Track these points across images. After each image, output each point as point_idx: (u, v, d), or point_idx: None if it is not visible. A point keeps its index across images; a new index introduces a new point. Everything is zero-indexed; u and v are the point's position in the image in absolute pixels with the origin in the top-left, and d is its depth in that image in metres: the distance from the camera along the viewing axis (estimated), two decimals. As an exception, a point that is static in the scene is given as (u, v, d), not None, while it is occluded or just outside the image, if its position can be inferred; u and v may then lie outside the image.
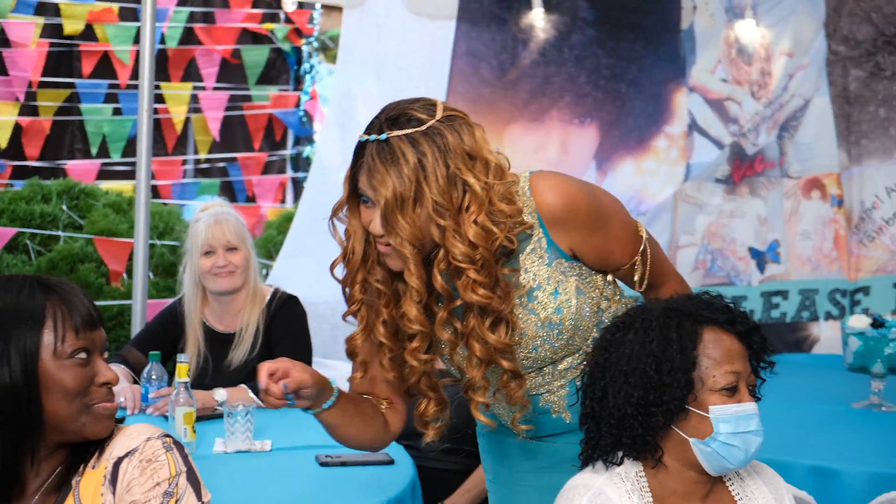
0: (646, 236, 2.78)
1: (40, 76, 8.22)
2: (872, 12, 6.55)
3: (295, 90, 9.26)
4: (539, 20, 6.17)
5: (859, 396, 4.69)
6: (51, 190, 6.62)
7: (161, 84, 8.53)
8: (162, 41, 8.58)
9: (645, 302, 2.67)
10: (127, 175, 8.71)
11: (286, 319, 4.61)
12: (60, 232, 6.37)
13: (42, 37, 8.30)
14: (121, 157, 8.52)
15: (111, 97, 8.58)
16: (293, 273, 5.91)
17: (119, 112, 8.58)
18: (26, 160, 8.46)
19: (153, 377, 4.26)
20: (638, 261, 2.75)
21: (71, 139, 8.56)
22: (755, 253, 6.52)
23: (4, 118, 8.14)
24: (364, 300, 2.65)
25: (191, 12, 8.78)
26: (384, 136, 2.49)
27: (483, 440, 3.03)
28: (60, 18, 8.36)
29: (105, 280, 6.23)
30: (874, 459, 3.91)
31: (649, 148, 6.54)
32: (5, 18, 8.10)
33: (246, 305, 4.59)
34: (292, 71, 9.30)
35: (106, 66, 8.61)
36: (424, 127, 2.51)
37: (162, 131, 8.63)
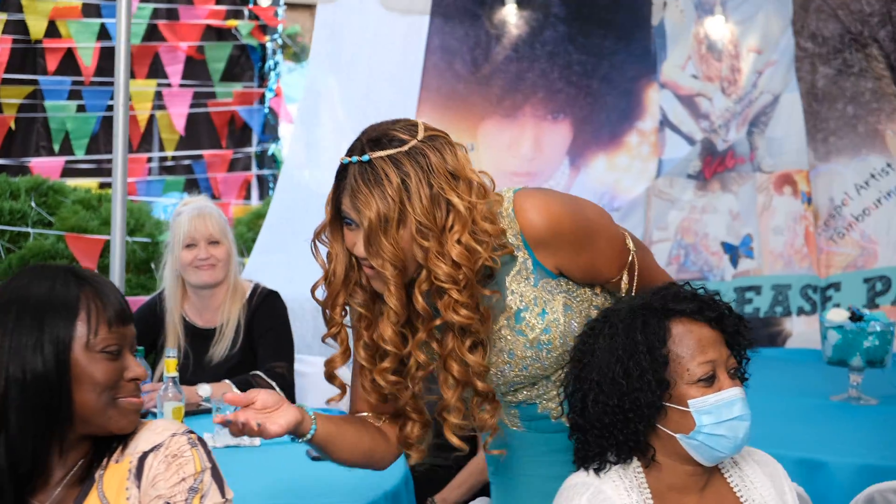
0: (633, 248, 2.74)
1: (3, 73, 8.13)
2: (839, 9, 6.59)
3: (259, 87, 9.21)
4: (512, 16, 6.18)
5: (837, 390, 4.72)
6: (19, 187, 6.55)
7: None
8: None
9: (613, 303, 2.64)
10: (91, 172, 8.63)
11: (268, 315, 4.59)
12: (30, 229, 6.30)
13: (4, 33, 8.21)
14: (84, 154, 8.44)
15: (75, 94, 8.49)
16: (266, 270, 5.88)
17: (83, 109, 8.49)
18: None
19: (137, 373, 4.22)
20: (625, 274, 2.73)
21: (36, 136, 8.47)
22: (728, 247, 6.55)
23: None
24: (344, 323, 2.64)
25: (154, 9, 8.71)
26: (367, 158, 2.45)
27: (484, 433, 3.02)
28: (23, 14, 8.28)
29: (76, 277, 6.15)
30: (859, 451, 3.94)
31: (621, 144, 6.56)
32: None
33: (226, 300, 4.57)
34: (256, 68, 9.25)
35: (69, 63, 8.53)
36: (407, 147, 2.47)
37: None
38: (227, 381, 4.32)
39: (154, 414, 3.96)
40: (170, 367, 3.87)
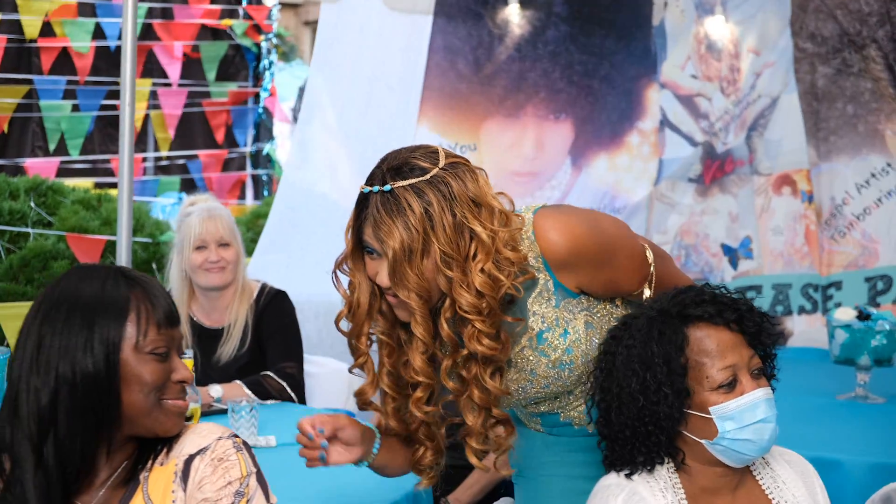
0: (652, 261, 2.73)
1: (-2, 72, 8.14)
2: (837, 9, 6.61)
3: (254, 87, 9.20)
4: (514, 16, 6.18)
5: (843, 389, 4.73)
6: (18, 186, 6.52)
7: (120, 80, 8.43)
8: (120, 37, 8.48)
9: (634, 310, 2.63)
10: (85, 172, 8.61)
11: (276, 315, 4.58)
12: (30, 229, 6.28)
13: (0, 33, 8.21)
14: (79, 154, 8.43)
15: (69, 94, 8.47)
16: (269, 270, 5.87)
17: (77, 109, 8.48)
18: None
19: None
20: (646, 290, 2.71)
21: (32, 137, 8.45)
22: (727, 249, 6.56)
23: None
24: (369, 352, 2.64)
25: (149, 8, 8.70)
26: (388, 187, 2.43)
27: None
28: (18, 14, 8.26)
29: (78, 277, 6.14)
30: (872, 450, 3.95)
31: (622, 144, 6.57)
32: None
33: (234, 301, 4.56)
34: (251, 67, 9.25)
35: (64, 63, 8.51)
36: (429, 176, 2.45)
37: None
38: (238, 382, 4.31)
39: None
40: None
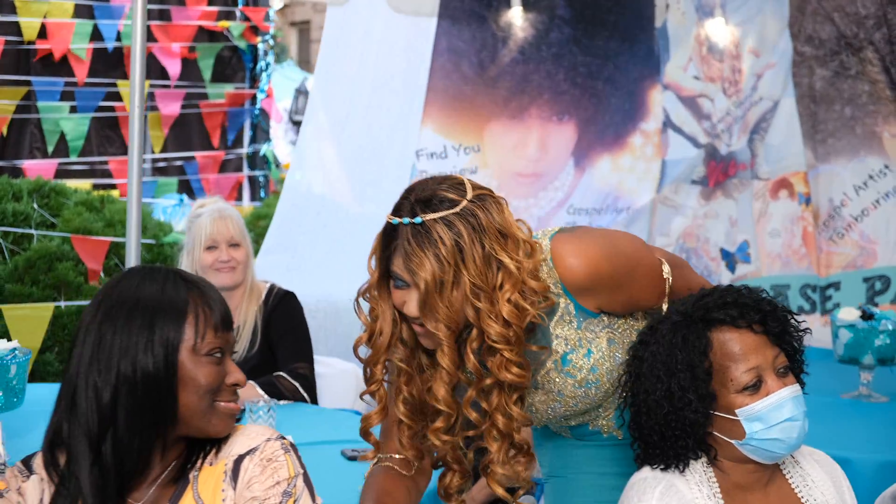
0: (668, 274, 2.75)
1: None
2: (835, 12, 6.66)
3: (251, 88, 9.22)
4: (518, 18, 6.22)
5: (846, 388, 4.77)
6: (21, 188, 6.52)
7: (118, 82, 8.47)
8: (118, 38, 8.51)
9: (662, 315, 2.66)
10: (83, 174, 8.62)
11: (285, 315, 4.61)
12: (34, 230, 6.29)
13: (-2, 34, 8.23)
14: (78, 157, 8.44)
15: (67, 95, 8.48)
16: (273, 270, 5.90)
17: (75, 110, 8.49)
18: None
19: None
20: (664, 305, 2.74)
21: (30, 139, 8.46)
22: (725, 254, 6.62)
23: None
24: (383, 380, 2.67)
25: (147, 9, 8.69)
26: (419, 220, 2.47)
27: (537, 437, 3.06)
28: (16, 16, 8.27)
29: (84, 279, 6.17)
30: (880, 448, 3.98)
31: (625, 145, 6.61)
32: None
33: (243, 301, 4.59)
34: (248, 69, 9.27)
35: (62, 64, 8.52)
36: (458, 208, 2.49)
37: (119, 129, 8.56)
38: (252, 383, 4.33)
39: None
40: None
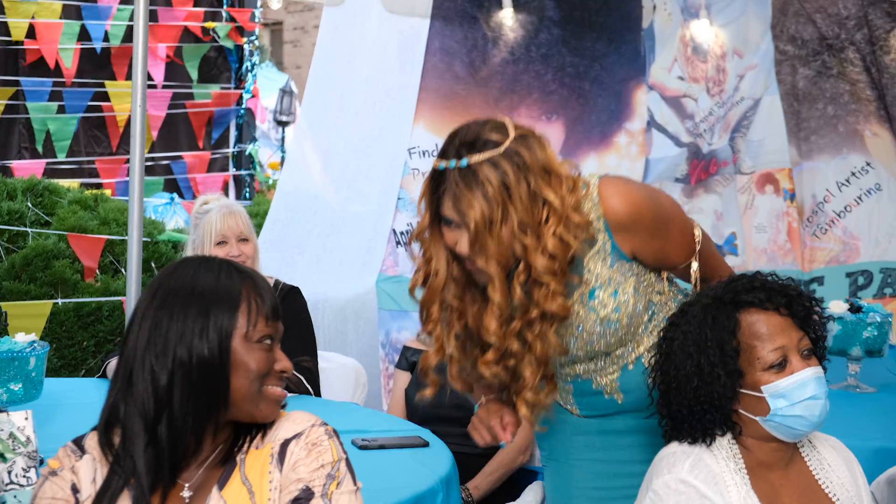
0: (700, 238, 2.90)
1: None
2: (816, 13, 6.77)
3: (237, 88, 9.28)
4: (509, 19, 6.31)
5: (834, 379, 4.85)
6: (15, 187, 6.58)
7: (106, 82, 8.53)
8: (105, 39, 8.55)
9: (691, 297, 2.78)
10: (71, 173, 8.66)
11: (290, 311, 4.67)
12: (29, 228, 6.34)
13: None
14: (66, 157, 8.48)
15: (55, 95, 8.52)
16: (264, 268, 5.97)
17: (63, 110, 8.53)
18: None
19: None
20: (694, 262, 2.88)
21: (18, 138, 8.49)
22: (713, 246, 6.72)
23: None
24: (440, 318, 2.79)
25: (134, 10, 8.72)
26: (465, 162, 2.58)
27: (547, 421, 3.12)
28: (5, 16, 8.30)
29: (80, 276, 6.23)
30: (870, 435, 4.07)
31: (611, 144, 6.70)
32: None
33: (248, 296, 4.64)
34: (233, 69, 9.33)
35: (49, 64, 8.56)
36: (502, 149, 2.60)
37: (107, 129, 8.60)
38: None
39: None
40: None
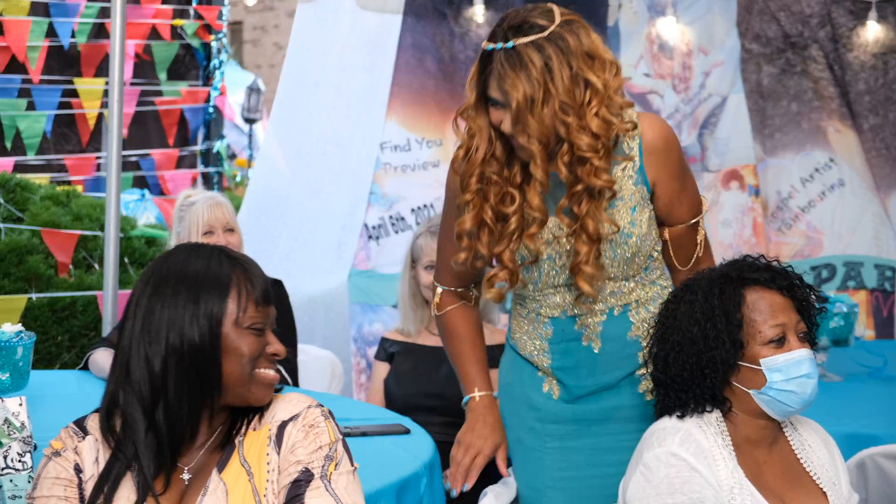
0: (706, 205, 3.09)
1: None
2: (780, 11, 6.88)
3: (204, 86, 9.30)
4: (479, 16, 6.38)
5: (800, 368, 4.96)
6: (-14, 184, 6.60)
7: (75, 79, 8.53)
8: (73, 36, 8.56)
9: (694, 276, 2.89)
10: (40, 169, 8.67)
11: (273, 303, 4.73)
12: (2, 224, 6.35)
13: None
14: (36, 154, 8.48)
15: (24, 93, 8.51)
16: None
17: (32, 107, 8.52)
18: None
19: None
20: (701, 229, 3.04)
21: (-11, 135, 8.50)
22: (679, 242, 6.81)
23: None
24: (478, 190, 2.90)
25: (101, 8, 8.75)
26: (511, 44, 2.73)
27: (508, 402, 3.21)
28: (-27, 14, 8.31)
29: (54, 271, 6.25)
30: (840, 421, 4.17)
31: (577, 140, 6.76)
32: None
33: (233, 287, 4.70)
34: (201, 67, 9.35)
35: (17, 62, 8.55)
36: (547, 33, 2.74)
37: (76, 127, 8.61)
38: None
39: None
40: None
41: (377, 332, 6.23)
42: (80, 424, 2.43)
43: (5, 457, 2.82)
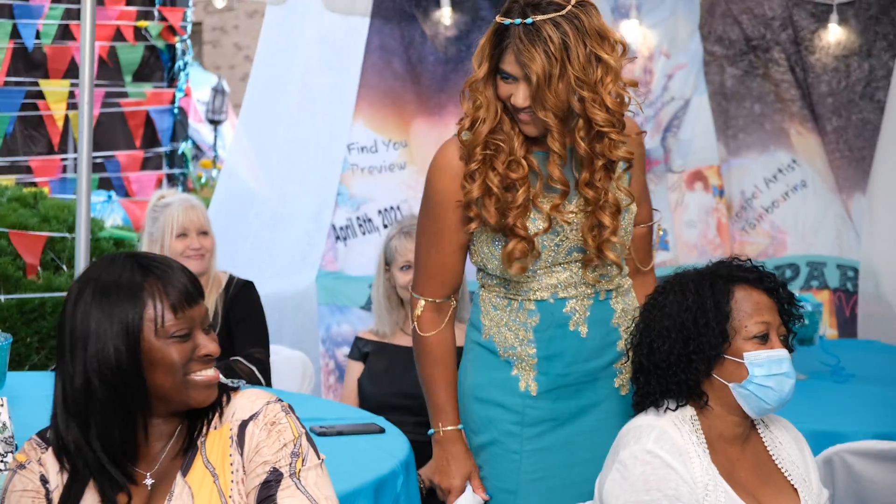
0: (659, 220, 3.32)
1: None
2: (743, 14, 6.95)
3: (169, 87, 9.28)
4: (445, 18, 6.41)
5: (765, 367, 5.03)
6: (-49, 185, 6.59)
7: (40, 81, 8.50)
8: (37, 37, 8.51)
9: (680, 272, 2.98)
10: (6, 170, 8.64)
11: (245, 304, 4.77)
12: (-32, 226, 6.35)
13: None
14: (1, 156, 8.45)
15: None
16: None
17: (-4, 108, 8.48)
18: None
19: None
20: (658, 226, 3.18)
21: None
22: (644, 242, 6.88)
23: None
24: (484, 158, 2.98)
25: (66, 9, 8.70)
26: (530, 20, 2.83)
27: (478, 405, 3.22)
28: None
29: (22, 273, 6.25)
30: (806, 418, 4.22)
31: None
32: None
33: (206, 288, 4.73)
34: (166, 68, 9.34)
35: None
36: (564, 11, 2.84)
37: (45, 128, 8.56)
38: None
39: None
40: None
41: (346, 334, 6.26)
42: (43, 436, 2.41)
43: (-13, 457, 2.84)
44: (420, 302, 3.20)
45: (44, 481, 2.35)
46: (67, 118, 8.56)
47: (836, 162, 6.82)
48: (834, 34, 6.76)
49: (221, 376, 2.29)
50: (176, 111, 9.31)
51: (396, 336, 4.80)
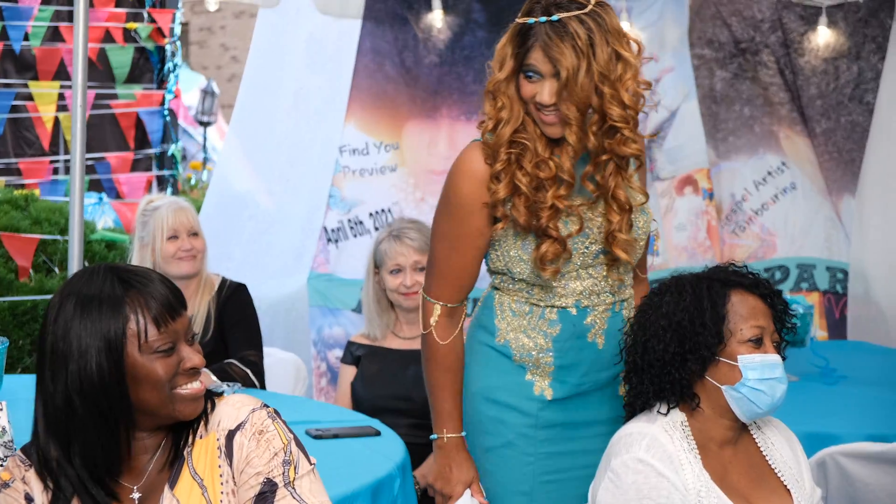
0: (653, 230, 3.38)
1: None
2: (732, 17, 6.97)
3: (159, 89, 9.26)
4: (438, 21, 6.43)
5: (757, 369, 5.05)
6: (-58, 187, 6.58)
7: (30, 83, 8.49)
8: (26, 39, 8.50)
9: (676, 276, 3.00)
10: (-5, 173, 8.62)
11: (238, 306, 4.78)
12: (-41, 229, 6.34)
13: None
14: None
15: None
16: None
17: (-16, 112, 8.45)
18: None
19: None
20: (656, 235, 3.20)
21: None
22: (633, 248, 6.88)
23: None
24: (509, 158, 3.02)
25: (55, 11, 8.69)
26: (556, 17, 2.89)
27: (489, 406, 3.22)
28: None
29: (14, 275, 6.25)
30: (799, 420, 4.24)
31: (531, 146, 6.82)
32: None
33: (198, 291, 4.74)
34: (155, 70, 9.32)
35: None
36: (587, 9, 2.91)
37: (35, 131, 8.54)
38: (205, 370, 4.47)
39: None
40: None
41: (337, 336, 6.27)
42: (26, 452, 2.37)
43: (-13, 461, 2.84)
44: (436, 307, 3.20)
45: (28, 499, 2.31)
46: (57, 120, 8.54)
47: (826, 164, 6.85)
48: (823, 37, 6.78)
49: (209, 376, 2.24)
50: (166, 113, 9.30)
51: (388, 339, 4.81)
